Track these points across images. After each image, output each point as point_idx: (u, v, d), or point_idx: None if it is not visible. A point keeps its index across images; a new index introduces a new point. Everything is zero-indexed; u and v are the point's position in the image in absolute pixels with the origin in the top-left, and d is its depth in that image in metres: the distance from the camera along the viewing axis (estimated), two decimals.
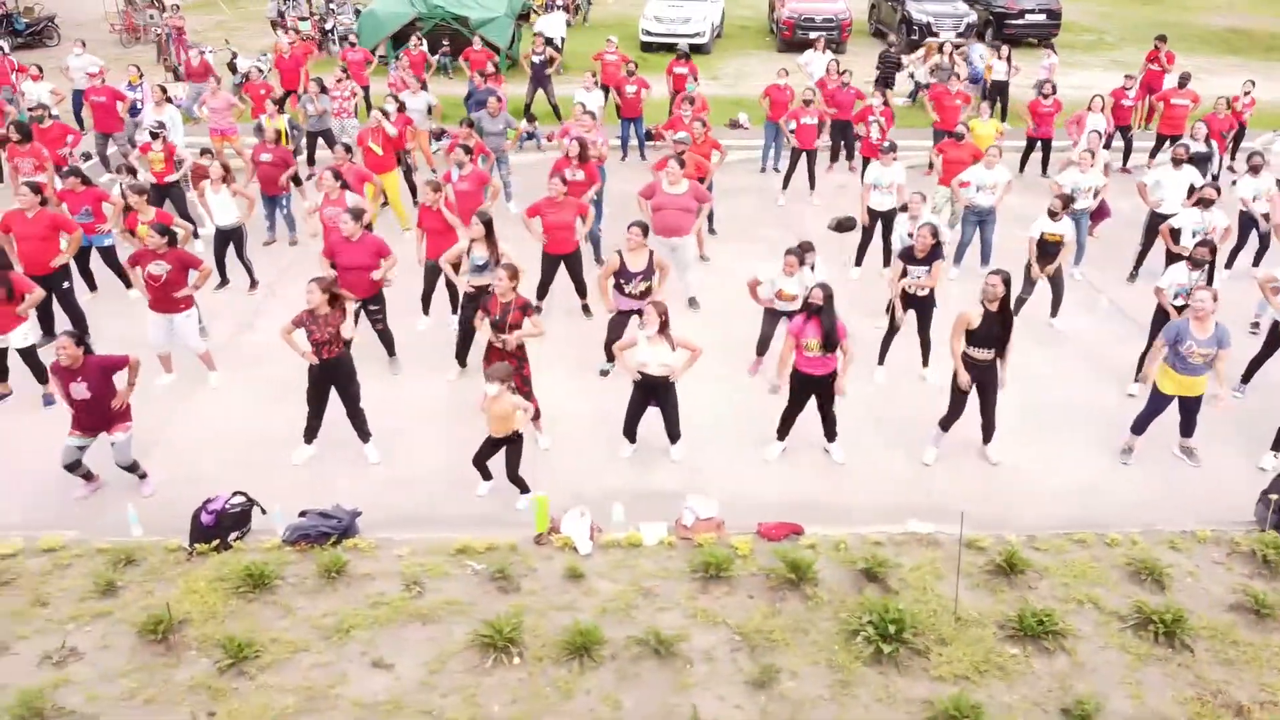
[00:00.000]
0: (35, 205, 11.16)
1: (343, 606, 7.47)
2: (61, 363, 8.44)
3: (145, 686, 6.75)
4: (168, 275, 10.27)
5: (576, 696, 6.69)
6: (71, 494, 9.11)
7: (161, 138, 14.43)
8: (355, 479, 9.26)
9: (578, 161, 13.47)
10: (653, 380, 9.14)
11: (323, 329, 8.97)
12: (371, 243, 10.65)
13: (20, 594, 7.62)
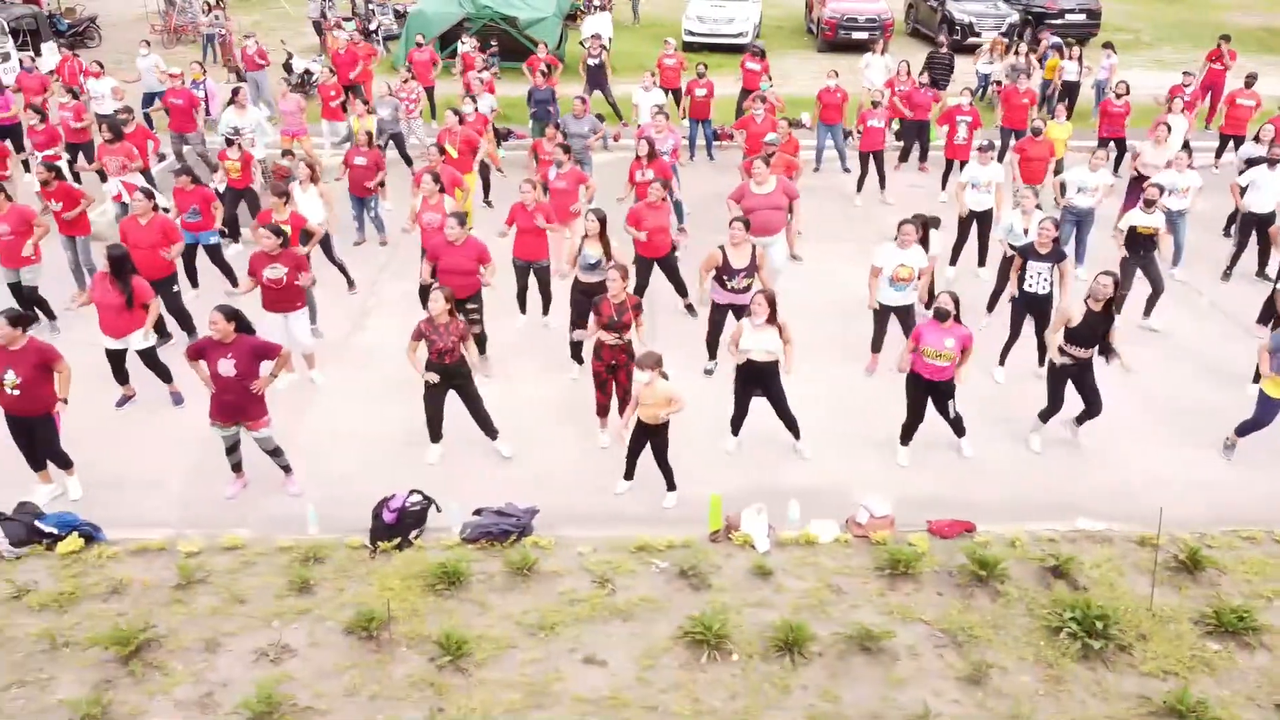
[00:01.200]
0: (149, 211, 11.20)
1: (540, 603, 7.53)
2: (213, 337, 8.49)
3: (366, 682, 6.80)
4: (285, 277, 10.30)
5: (793, 692, 6.77)
6: (223, 492, 9.21)
7: (237, 144, 14.43)
8: (485, 478, 9.35)
9: (647, 160, 13.54)
10: (756, 367, 9.22)
11: (445, 337, 9.07)
12: (474, 246, 10.71)
13: (216, 592, 7.68)
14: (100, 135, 14.59)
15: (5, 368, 8.44)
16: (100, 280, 10.00)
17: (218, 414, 8.82)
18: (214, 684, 6.81)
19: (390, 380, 10.80)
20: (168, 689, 6.76)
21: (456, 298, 10.43)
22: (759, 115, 15.90)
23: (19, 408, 8.61)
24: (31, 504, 8.38)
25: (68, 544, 8.05)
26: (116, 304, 9.94)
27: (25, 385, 8.45)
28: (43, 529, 8.14)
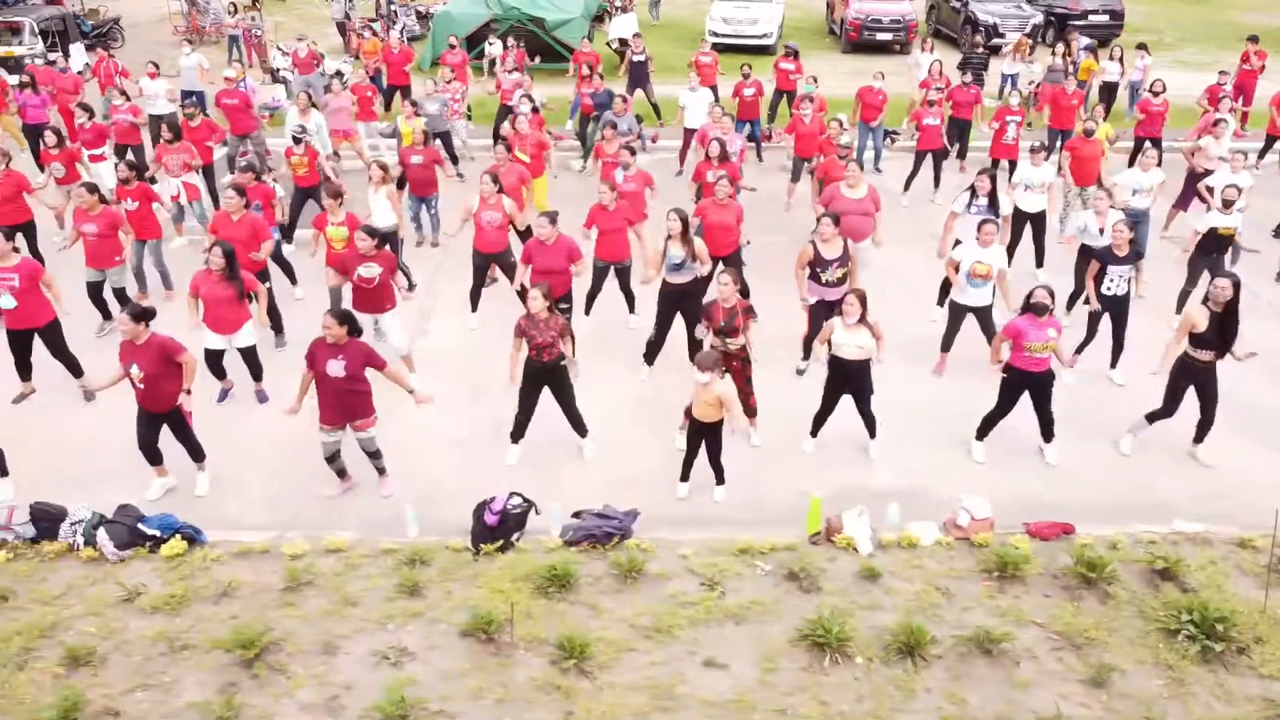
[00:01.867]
0: (241, 208, 11.21)
1: (651, 606, 7.53)
2: (326, 340, 8.50)
3: (491, 685, 6.80)
4: (380, 277, 10.30)
5: (918, 695, 6.77)
6: (322, 491, 9.24)
7: (304, 142, 14.43)
8: (563, 479, 9.37)
9: (719, 162, 13.55)
10: (848, 365, 9.23)
11: (544, 333, 9.06)
12: (565, 245, 10.70)
13: (325, 594, 7.67)
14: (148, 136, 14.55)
15: (130, 362, 8.48)
16: (206, 277, 9.96)
17: (328, 417, 8.81)
18: (337, 687, 6.80)
19: (460, 382, 10.90)
20: (292, 692, 6.75)
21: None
22: (807, 116, 15.91)
23: (148, 401, 8.64)
24: (132, 507, 8.38)
25: (171, 547, 8.04)
26: (227, 298, 9.90)
27: (149, 379, 8.49)
28: (145, 531, 8.11)
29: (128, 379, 8.62)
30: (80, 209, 11.61)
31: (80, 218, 11.58)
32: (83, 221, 11.54)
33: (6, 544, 8.13)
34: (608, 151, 14.51)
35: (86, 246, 11.66)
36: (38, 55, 23.71)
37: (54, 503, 8.33)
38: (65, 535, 8.13)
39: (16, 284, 10.02)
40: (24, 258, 10.18)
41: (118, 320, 8.65)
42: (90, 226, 11.51)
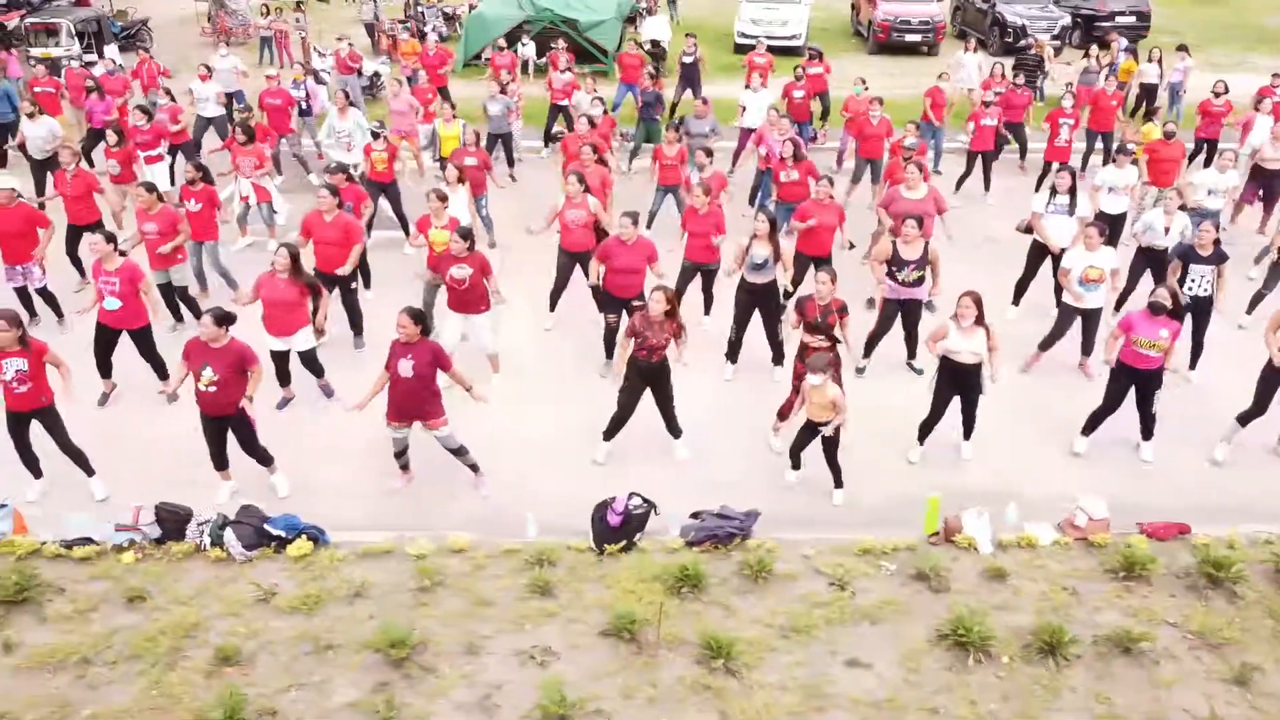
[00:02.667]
0: (334, 208, 11.24)
1: (784, 606, 7.58)
2: (400, 339, 8.57)
3: (640, 685, 6.85)
4: (470, 279, 10.33)
5: (1062, 694, 6.83)
6: (389, 485, 9.37)
7: (383, 137, 14.47)
8: (656, 480, 9.26)
9: (793, 162, 13.61)
10: (961, 369, 9.26)
11: (658, 334, 9.10)
12: (644, 245, 10.75)
13: (458, 595, 7.71)
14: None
15: (203, 363, 8.48)
16: (269, 280, 9.98)
17: (395, 415, 8.86)
18: (487, 686, 6.84)
19: (534, 381, 10.99)
20: (444, 691, 6.79)
21: (623, 296, 10.53)
22: (875, 117, 15.94)
23: (213, 406, 8.64)
24: (255, 508, 8.41)
25: (298, 547, 8.07)
26: (290, 301, 9.92)
27: (221, 383, 8.51)
28: (271, 532, 8.14)
29: (193, 380, 8.61)
30: (140, 209, 11.65)
31: (141, 218, 11.61)
32: (143, 221, 11.57)
33: (135, 544, 8.11)
34: (667, 154, 14.54)
35: (148, 246, 11.68)
36: (74, 57, 23.64)
37: (179, 503, 8.32)
38: (192, 536, 8.16)
39: (118, 287, 10.07)
40: (125, 261, 10.17)
41: (201, 323, 8.60)
42: (150, 225, 11.54)
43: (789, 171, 13.62)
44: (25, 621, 7.38)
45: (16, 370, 8.52)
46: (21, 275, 11.91)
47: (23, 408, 8.75)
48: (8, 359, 8.51)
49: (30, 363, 8.55)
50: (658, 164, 14.78)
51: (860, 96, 17.42)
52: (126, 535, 8.12)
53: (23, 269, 11.87)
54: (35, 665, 6.98)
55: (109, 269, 10.10)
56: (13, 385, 8.57)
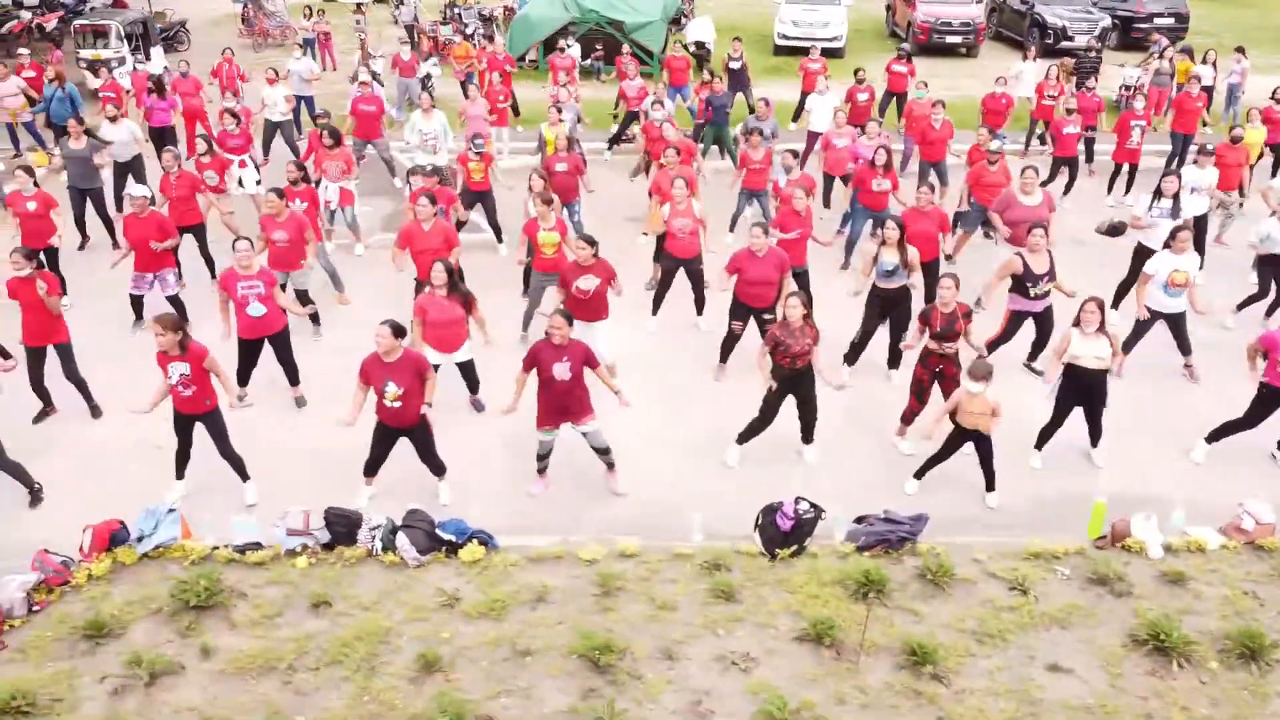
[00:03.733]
0: (432, 216, 11.20)
1: (970, 611, 7.57)
2: (554, 340, 8.57)
3: (849, 691, 6.85)
4: (596, 288, 10.29)
5: (1271, 700, 6.81)
6: (529, 489, 9.36)
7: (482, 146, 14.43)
8: (777, 485, 9.23)
9: (883, 170, 13.60)
10: (1087, 376, 9.24)
11: (799, 340, 9.08)
12: (776, 256, 10.73)
13: (639, 599, 7.69)
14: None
15: (385, 379, 8.39)
16: (431, 299, 9.85)
17: (548, 418, 8.83)
18: (696, 692, 6.82)
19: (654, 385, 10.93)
20: (653, 697, 6.77)
21: (756, 306, 10.51)
22: (938, 121, 15.93)
23: (398, 419, 8.58)
24: (421, 512, 8.36)
25: (471, 552, 8.04)
26: (455, 317, 9.84)
27: (405, 396, 8.44)
28: (442, 536, 8.10)
29: (378, 397, 8.62)
30: (268, 215, 11.60)
31: (269, 225, 11.54)
32: (272, 229, 11.49)
33: (307, 549, 8.07)
34: (754, 158, 14.50)
35: (276, 253, 11.63)
36: (123, 59, 23.55)
37: (347, 508, 8.28)
38: (364, 540, 8.12)
39: (262, 290, 10.04)
40: (263, 267, 10.13)
41: (377, 335, 8.50)
42: (280, 234, 11.49)
43: (880, 180, 13.58)
44: (216, 626, 7.34)
45: (180, 374, 8.49)
46: (151, 283, 11.85)
47: (189, 410, 8.71)
48: (171, 363, 8.48)
49: (192, 367, 8.50)
50: (744, 169, 14.68)
51: (923, 100, 17.40)
52: (298, 540, 8.08)
53: (155, 276, 11.82)
54: (237, 671, 6.93)
55: (250, 274, 10.03)
56: (178, 388, 8.54)
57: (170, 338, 8.40)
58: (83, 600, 7.63)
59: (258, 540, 8.17)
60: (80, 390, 10.40)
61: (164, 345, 8.41)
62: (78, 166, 14.18)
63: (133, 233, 11.60)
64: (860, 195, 13.96)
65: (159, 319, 8.51)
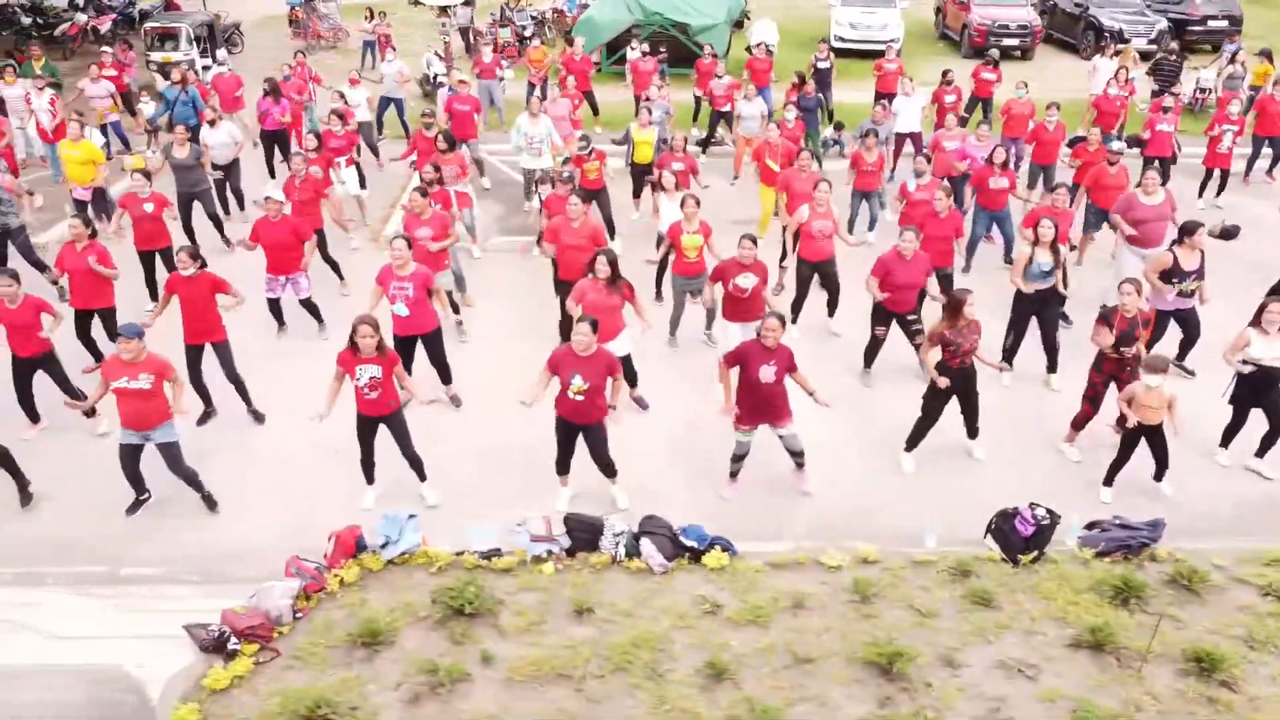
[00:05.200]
0: (582, 214, 11.19)
1: (1233, 617, 7.56)
2: (765, 342, 8.57)
3: (1138, 698, 6.80)
4: (754, 287, 10.27)
5: None
6: (721, 493, 9.29)
7: (590, 146, 14.40)
8: (937, 490, 9.30)
9: (1000, 170, 13.59)
10: (1267, 377, 9.21)
11: (967, 338, 9.10)
12: (923, 260, 10.71)
13: (895, 606, 7.67)
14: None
15: (573, 372, 8.38)
16: (593, 285, 9.88)
17: (749, 418, 8.83)
18: (989, 700, 6.82)
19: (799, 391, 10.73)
20: (949, 704, 6.75)
21: (900, 311, 10.50)
22: (1051, 123, 15.90)
23: (579, 414, 8.58)
24: (658, 518, 8.30)
25: (716, 558, 8.01)
26: (613, 306, 9.82)
27: (590, 391, 8.43)
28: (685, 542, 8.07)
29: (564, 389, 8.54)
30: (412, 214, 11.57)
31: (413, 223, 11.47)
32: (415, 226, 11.43)
33: (552, 555, 8.02)
34: (868, 160, 14.47)
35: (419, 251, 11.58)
36: (193, 62, 23.46)
37: (588, 514, 8.24)
38: (607, 547, 8.08)
39: (411, 293, 9.97)
40: (418, 268, 10.07)
41: (576, 332, 8.47)
42: (424, 230, 11.43)
43: (998, 179, 13.55)
44: (488, 634, 7.30)
45: (370, 377, 8.44)
46: (284, 285, 11.77)
47: (373, 413, 8.68)
48: (363, 365, 8.41)
49: (384, 370, 8.44)
50: (857, 170, 14.65)
51: (1022, 100, 17.38)
52: (543, 546, 8.02)
53: (288, 279, 11.75)
54: (525, 679, 6.89)
55: (402, 275, 9.96)
56: (364, 390, 8.48)
57: (372, 340, 8.32)
58: (341, 607, 7.58)
59: (496, 546, 8.10)
60: (239, 390, 10.36)
61: (364, 348, 8.32)
62: (184, 173, 14.08)
63: (266, 235, 11.51)
64: (978, 195, 13.92)
65: (362, 319, 8.43)
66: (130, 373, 8.31)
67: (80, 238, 10.54)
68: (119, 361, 8.33)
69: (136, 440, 8.61)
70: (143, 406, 8.38)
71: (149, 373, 8.34)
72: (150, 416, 8.42)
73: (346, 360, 8.44)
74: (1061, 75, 22.85)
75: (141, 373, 8.31)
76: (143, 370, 8.33)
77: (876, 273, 10.73)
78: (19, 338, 9.58)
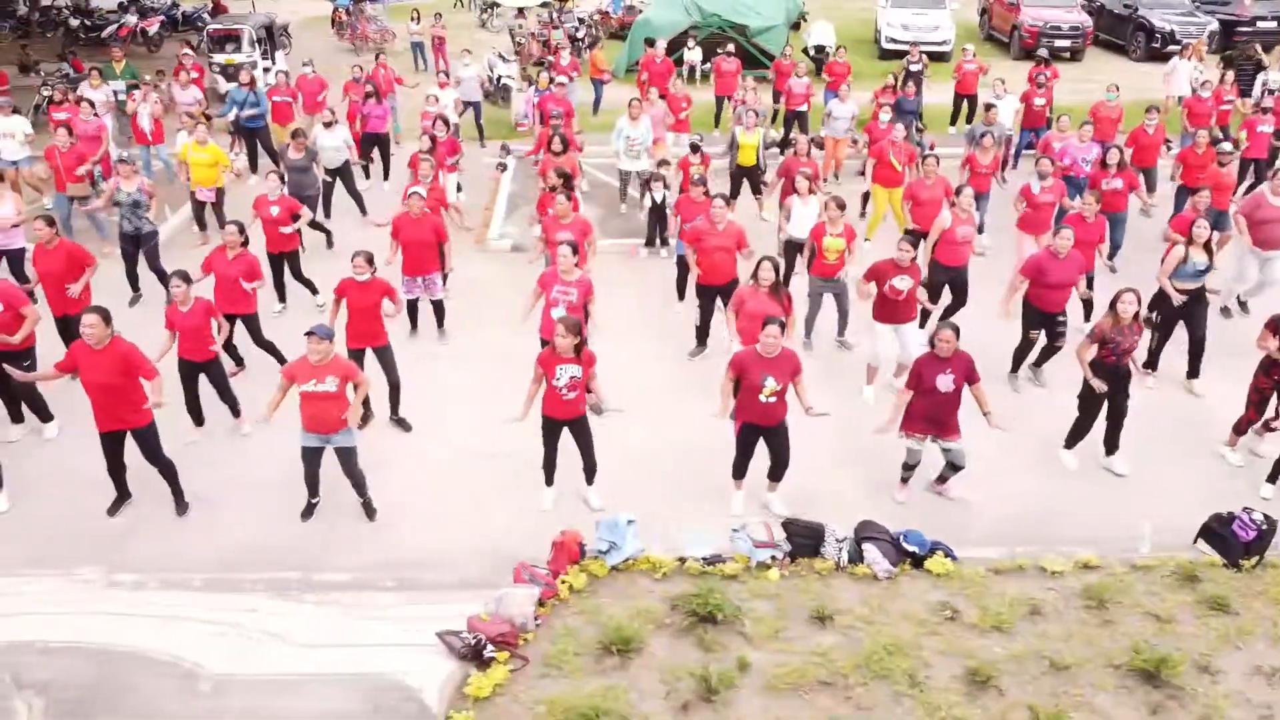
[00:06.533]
0: (725, 217, 11.11)
1: None
2: (939, 353, 8.48)
3: None
4: (909, 289, 10.22)
5: None
6: (895, 497, 9.19)
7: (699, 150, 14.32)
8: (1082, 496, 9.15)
9: (1116, 170, 13.53)
10: None
11: (1129, 337, 9.05)
12: (1077, 260, 10.64)
13: (1130, 611, 7.61)
14: None
15: (763, 374, 8.31)
16: (753, 293, 9.79)
17: (919, 426, 8.73)
18: (1258, 707, 6.72)
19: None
20: (1221, 711, 6.68)
21: (1052, 312, 10.44)
22: (1150, 126, 15.84)
23: (770, 417, 8.51)
24: (874, 523, 8.22)
25: (941, 564, 7.93)
26: (769, 314, 9.71)
27: (780, 394, 8.38)
28: (906, 548, 7.99)
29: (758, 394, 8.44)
30: (554, 217, 11.48)
31: (553, 227, 11.40)
32: (556, 230, 11.35)
33: (776, 561, 7.95)
34: (982, 162, 14.40)
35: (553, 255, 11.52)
36: (255, 63, 23.35)
37: (810, 519, 8.16)
38: (830, 553, 7.99)
39: (574, 298, 9.90)
40: (583, 276, 10.00)
41: (764, 334, 8.38)
42: (565, 234, 11.34)
43: (1111, 180, 13.48)
44: (734, 641, 7.20)
45: (570, 377, 8.33)
46: (422, 285, 11.68)
47: (565, 415, 8.59)
48: (563, 365, 8.30)
49: (584, 370, 8.36)
50: (970, 171, 14.58)
51: (1111, 103, 17.35)
52: (768, 552, 7.94)
53: (424, 279, 11.65)
54: (789, 686, 6.81)
55: (568, 280, 9.89)
56: (562, 391, 8.38)
57: (570, 340, 8.23)
58: (576, 614, 7.50)
59: (715, 553, 8.02)
60: (393, 394, 10.25)
61: (562, 349, 8.24)
62: (297, 176, 14.00)
63: (407, 234, 11.38)
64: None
65: (562, 320, 8.34)
66: (318, 375, 8.19)
67: (233, 245, 10.42)
68: (307, 364, 8.22)
69: (317, 443, 8.50)
70: (330, 409, 8.27)
71: (335, 375, 8.23)
72: (335, 419, 8.29)
73: (546, 360, 8.34)
74: (1113, 77, 22.67)
75: (329, 375, 8.20)
76: (329, 373, 8.22)
77: (1028, 272, 10.64)
78: (190, 342, 9.45)
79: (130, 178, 12.62)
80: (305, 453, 8.59)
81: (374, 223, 11.97)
